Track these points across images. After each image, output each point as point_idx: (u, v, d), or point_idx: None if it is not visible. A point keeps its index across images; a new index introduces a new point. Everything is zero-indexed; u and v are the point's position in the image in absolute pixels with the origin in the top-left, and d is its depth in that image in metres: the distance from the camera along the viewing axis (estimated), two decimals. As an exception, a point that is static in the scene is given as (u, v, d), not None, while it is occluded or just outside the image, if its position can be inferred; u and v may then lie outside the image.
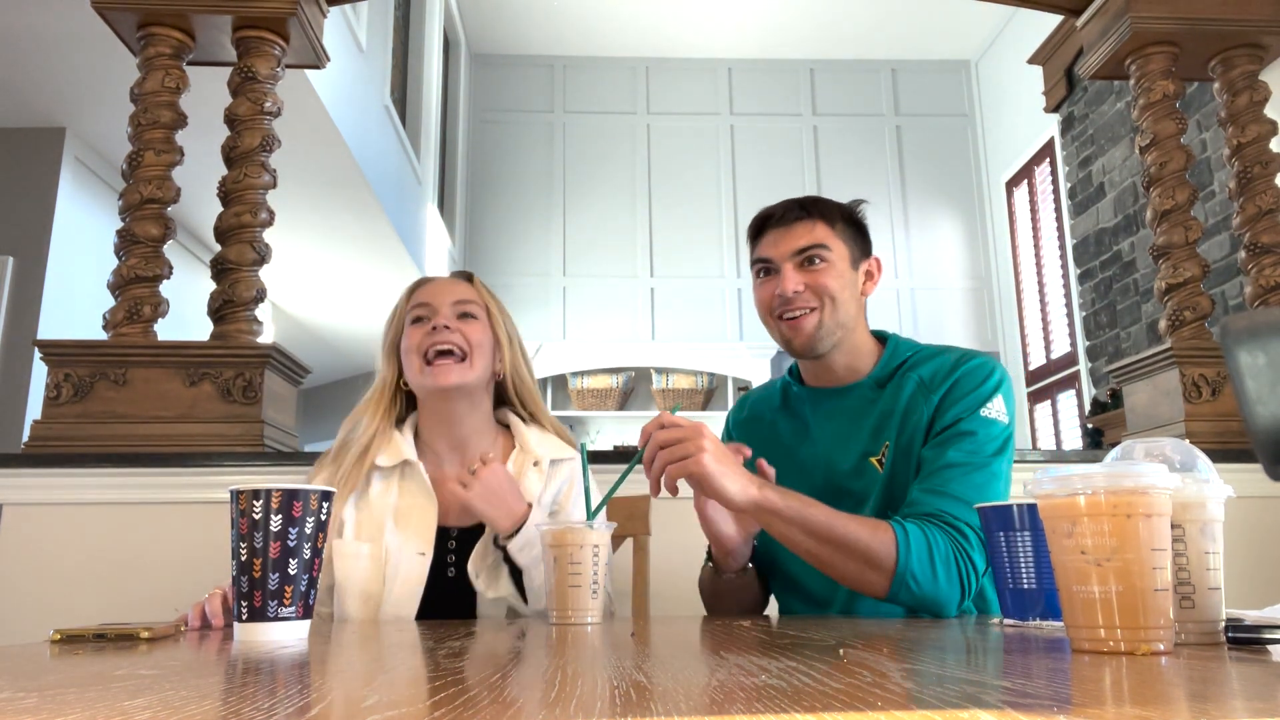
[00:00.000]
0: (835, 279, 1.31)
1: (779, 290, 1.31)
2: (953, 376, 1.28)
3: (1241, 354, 0.68)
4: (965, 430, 1.24)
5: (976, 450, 1.22)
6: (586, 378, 7.13)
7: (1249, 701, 0.48)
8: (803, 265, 1.32)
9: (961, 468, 1.21)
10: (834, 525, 1.13)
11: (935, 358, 1.33)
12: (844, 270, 1.33)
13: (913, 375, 1.31)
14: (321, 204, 4.97)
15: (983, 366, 1.29)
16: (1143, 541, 0.65)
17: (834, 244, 1.33)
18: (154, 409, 2.03)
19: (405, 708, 0.49)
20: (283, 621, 0.93)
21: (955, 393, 1.27)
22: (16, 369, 4.03)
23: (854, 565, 1.13)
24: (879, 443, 1.30)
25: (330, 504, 0.98)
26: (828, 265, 1.32)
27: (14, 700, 0.51)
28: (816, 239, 1.32)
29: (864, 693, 0.49)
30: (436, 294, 1.43)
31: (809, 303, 1.31)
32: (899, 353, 1.36)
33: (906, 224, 7.52)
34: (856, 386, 1.35)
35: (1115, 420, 4.55)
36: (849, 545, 1.12)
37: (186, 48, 2.26)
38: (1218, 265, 4.37)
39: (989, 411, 1.25)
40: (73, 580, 1.91)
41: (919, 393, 1.29)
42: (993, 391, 1.27)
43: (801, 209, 1.34)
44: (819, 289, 1.31)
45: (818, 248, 1.32)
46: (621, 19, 7.24)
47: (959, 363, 1.30)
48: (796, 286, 1.30)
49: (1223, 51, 2.44)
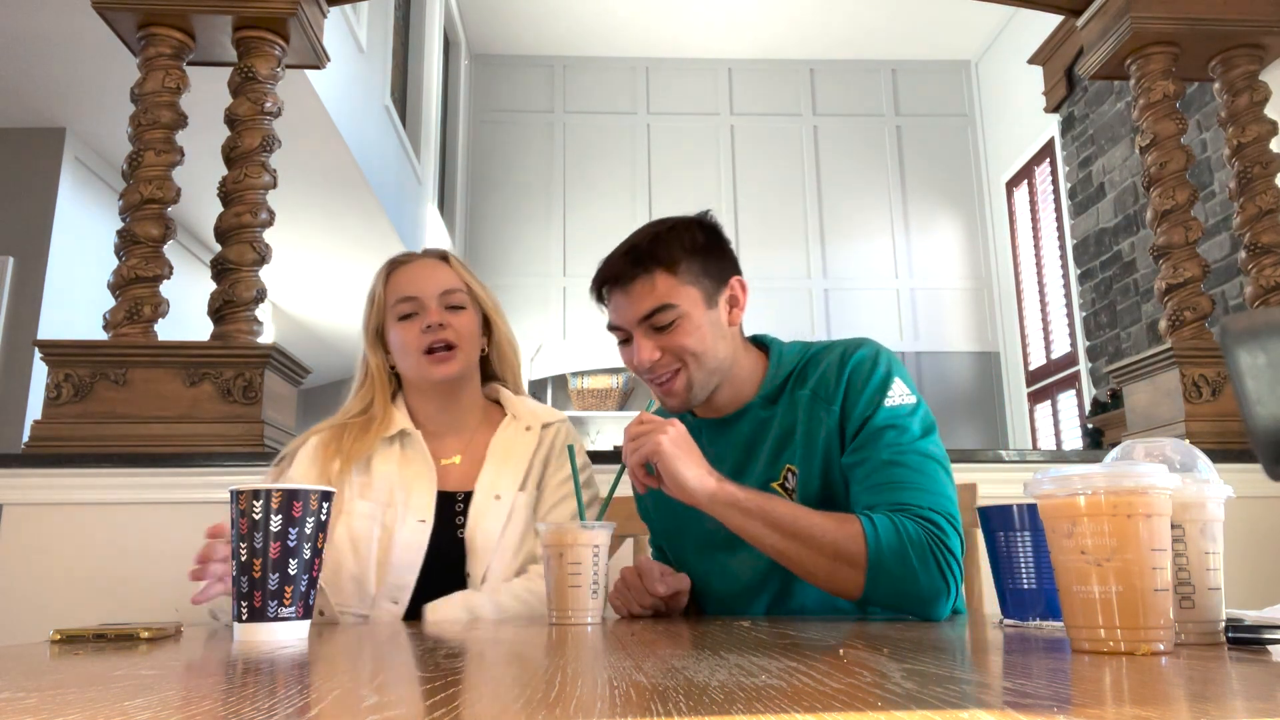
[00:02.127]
0: (691, 335, 1.21)
1: (636, 360, 1.23)
2: (843, 378, 1.23)
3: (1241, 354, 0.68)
4: (881, 425, 1.19)
5: (902, 440, 1.18)
6: (586, 378, 7.13)
7: (1249, 701, 0.48)
8: (653, 330, 1.22)
9: (898, 462, 1.16)
10: (798, 518, 1.11)
11: (820, 363, 1.27)
12: (699, 320, 1.22)
13: (803, 392, 1.25)
14: (321, 204, 4.97)
15: (866, 357, 1.24)
16: (1143, 541, 0.65)
17: (680, 294, 1.21)
18: (154, 409, 2.03)
19: (405, 708, 0.49)
20: (282, 621, 0.93)
21: (852, 394, 1.21)
22: (16, 369, 4.03)
23: (824, 561, 1.10)
24: (778, 467, 1.25)
25: (330, 504, 0.98)
26: (679, 322, 1.21)
27: (14, 700, 0.51)
28: (659, 299, 1.20)
29: (864, 693, 0.48)
30: (421, 284, 1.42)
31: (670, 365, 1.22)
32: (784, 364, 1.29)
33: (906, 224, 7.52)
34: (747, 409, 1.29)
35: (1115, 420, 4.55)
36: (815, 538, 1.09)
37: (186, 48, 2.26)
38: (1218, 265, 4.37)
39: (892, 400, 1.20)
40: (73, 580, 1.91)
41: (817, 407, 1.24)
42: (886, 379, 1.22)
43: (635, 263, 1.22)
44: (677, 350, 1.21)
45: (663, 310, 1.20)
46: (621, 19, 7.24)
47: (843, 361, 1.24)
48: (653, 355, 1.21)
49: (1223, 51, 2.44)
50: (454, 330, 1.40)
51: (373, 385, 1.44)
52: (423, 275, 1.44)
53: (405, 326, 1.41)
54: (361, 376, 1.47)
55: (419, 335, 1.39)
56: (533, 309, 7.21)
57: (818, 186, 7.52)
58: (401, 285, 1.43)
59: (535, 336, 7.11)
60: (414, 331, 1.39)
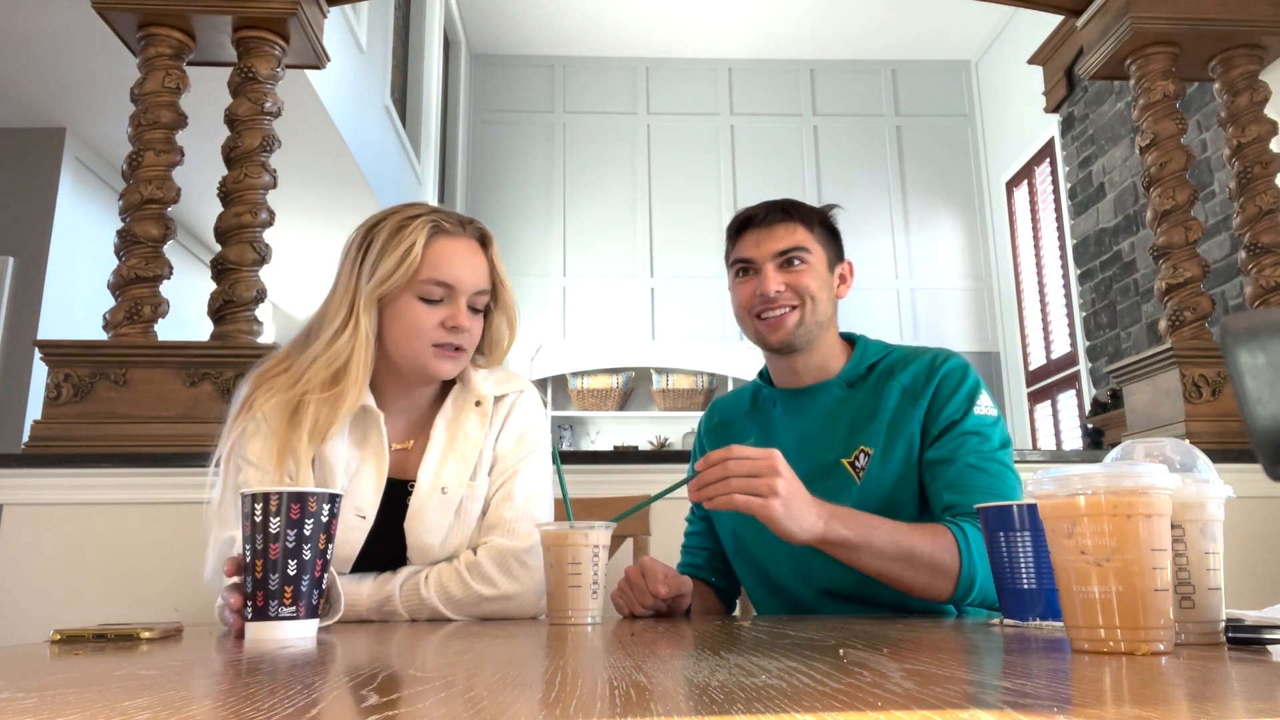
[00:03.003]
0: (815, 279, 1.36)
1: (760, 290, 1.35)
2: (934, 380, 1.33)
3: (1241, 354, 0.68)
4: (968, 430, 1.29)
5: (982, 448, 1.28)
6: (586, 378, 7.13)
7: (1249, 701, 0.48)
8: (783, 266, 1.36)
9: (981, 468, 1.26)
10: (899, 542, 1.15)
11: (910, 362, 1.36)
12: (822, 272, 1.38)
13: (894, 384, 1.35)
14: (322, 204, 4.97)
15: (958, 367, 1.35)
16: (1143, 542, 0.65)
17: (813, 247, 1.38)
18: (154, 409, 2.03)
19: (405, 708, 0.49)
20: (284, 621, 0.94)
21: (941, 395, 1.32)
22: (16, 369, 4.03)
23: (922, 576, 1.17)
24: (852, 446, 1.33)
25: (336, 506, 0.99)
26: (808, 267, 1.36)
27: (14, 700, 0.51)
28: (797, 241, 1.37)
29: (864, 693, 0.48)
30: (462, 273, 1.26)
31: (790, 301, 1.35)
32: (868, 354, 1.40)
33: (906, 224, 7.52)
34: (826, 385, 1.39)
35: (1115, 420, 4.55)
36: (915, 559, 1.16)
37: (186, 48, 2.26)
38: (1218, 265, 4.37)
39: (980, 409, 1.31)
40: (73, 580, 1.91)
41: (905, 402, 1.33)
42: (975, 389, 1.33)
43: (783, 211, 1.39)
44: (799, 288, 1.35)
45: (798, 250, 1.36)
46: (621, 19, 7.24)
47: (935, 366, 1.34)
48: (778, 286, 1.35)
49: (1223, 51, 2.44)
50: (469, 336, 1.28)
51: (352, 347, 1.22)
52: (467, 262, 1.27)
53: (427, 311, 1.24)
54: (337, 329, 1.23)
55: (437, 328, 1.24)
56: (533, 309, 7.21)
57: (818, 186, 7.52)
58: (443, 264, 1.25)
59: (535, 336, 7.11)
60: (433, 320, 1.24)
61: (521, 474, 1.31)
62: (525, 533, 1.27)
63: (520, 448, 1.32)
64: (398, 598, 1.21)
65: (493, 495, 1.30)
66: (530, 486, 1.31)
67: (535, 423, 1.36)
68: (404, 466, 1.30)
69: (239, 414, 1.26)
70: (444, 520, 1.25)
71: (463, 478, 1.28)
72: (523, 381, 1.38)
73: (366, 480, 1.25)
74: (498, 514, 1.29)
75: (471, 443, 1.29)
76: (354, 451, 1.26)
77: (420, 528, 1.25)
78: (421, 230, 1.25)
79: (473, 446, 1.29)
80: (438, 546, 1.25)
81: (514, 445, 1.32)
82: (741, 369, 6.98)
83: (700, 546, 1.51)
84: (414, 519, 1.25)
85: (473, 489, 1.28)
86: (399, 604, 1.21)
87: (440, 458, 1.28)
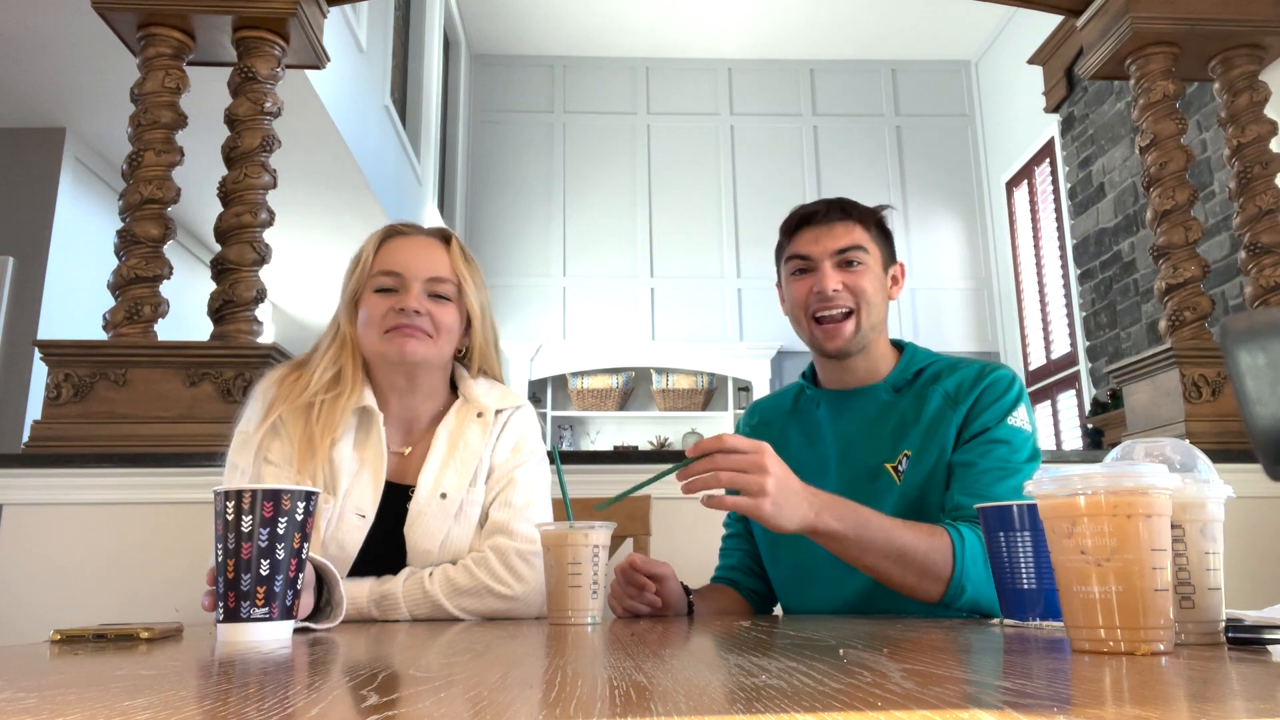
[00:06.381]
0: (871, 281, 1.35)
1: (818, 287, 1.34)
2: (978, 388, 1.32)
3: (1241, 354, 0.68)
4: (997, 438, 1.28)
5: (1009, 457, 1.27)
6: (586, 378, 7.13)
7: (1249, 702, 0.48)
8: (841, 265, 1.35)
9: (998, 472, 1.25)
10: (891, 539, 1.14)
11: (957, 370, 1.36)
12: (878, 273, 1.37)
13: (937, 389, 1.34)
14: (321, 204, 4.97)
15: (1004, 378, 1.34)
16: (1143, 541, 0.65)
17: (870, 246, 1.37)
18: (154, 409, 2.03)
19: (405, 708, 0.49)
20: (256, 622, 0.92)
21: (982, 402, 1.31)
22: (16, 369, 4.03)
23: (911, 576, 1.16)
24: (897, 450, 1.33)
25: (312, 504, 0.97)
26: (865, 268, 1.35)
27: (14, 700, 0.51)
28: (855, 240, 1.36)
29: (864, 693, 0.48)
30: (410, 262, 1.32)
31: (845, 303, 1.34)
32: (916, 360, 1.39)
33: (906, 224, 7.52)
34: (873, 389, 1.38)
35: (1115, 420, 4.55)
36: (906, 557, 1.15)
37: (186, 48, 2.26)
38: (1218, 265, 4.37)
39: (1015, 420, 1.30)
40: (73, 580, 1.91)
41: (946, 406, 1.33)
42: (1016, 402, 1.31)
43: (842, 210, 1.38)
44: (856, 290, 1.34)
45: (857, 249, 1.35)
46: (621, 19, 7.24)
47: (982, 374, 1.34)
48: (836, 285, 1.33)
49: (1223, 52, 2.44)
50: (431, 321, 1.30)
51: (341, 350, 1.33)
52: (416, 253, 1.34)
53: (378, 300, 1.31)
54: (331, 337, 1.35)
55: (386, 313, 1.29)
56: (533, 309, 7.22)
57: (818, 186, 7.52)
58: (390, 257, 1.33)
59: (535, 336, 7.12)
60: (383, 307, 1.29)
61: (519, 481, 1.34)
62: (526, 534, 1.29)
63: (515, 456, 1.36)
64: (399, 592, 1.22)
65: (490, 502, 1.33)
66: (527, 492, 1.34)
67: (530, 433, 1.40)
68: (405, 472, 1.32)
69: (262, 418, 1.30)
70: (443, 525, 1.28)
71: (462, 484, 1.30)
72: (522, 399, 1.43)
73: (366, 480, 1.28)
74: (497, 519, 1.32)
75: (472, 451, 1.33)
76: (355, 453, 1.29)
77: (420, 532, 1.27)
78: (376, 237, 1.38)
79: (473, 455, 1.33)
80: (437, 551, 1.27)
81: (509, 454, 1.36)
82: (741, 369, 6.98)
83: (735, 548, 1.50)
84: (414, 523, 1.27)
85: (471, 494, 1.31)
86: (400, 598, 1.22)
87: (441, 464, 1.31)
